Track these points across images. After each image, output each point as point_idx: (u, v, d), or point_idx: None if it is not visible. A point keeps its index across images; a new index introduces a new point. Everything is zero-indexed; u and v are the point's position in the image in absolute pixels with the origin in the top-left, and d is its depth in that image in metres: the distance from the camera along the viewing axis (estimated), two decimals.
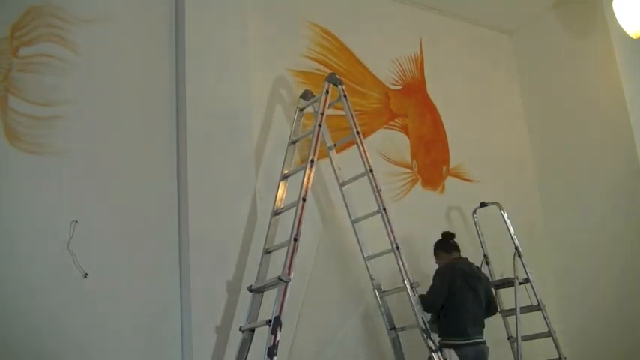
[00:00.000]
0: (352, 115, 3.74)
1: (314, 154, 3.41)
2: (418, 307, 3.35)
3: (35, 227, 3.09)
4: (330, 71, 4.00)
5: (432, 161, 4.88)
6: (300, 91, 3.98)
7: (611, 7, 4.64)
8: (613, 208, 4.81)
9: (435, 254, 3.99)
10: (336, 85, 3.77)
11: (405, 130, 4.80)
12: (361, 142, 3.69)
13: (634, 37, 4.50)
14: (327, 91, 3.69)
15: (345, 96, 3.76)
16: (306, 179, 3.32)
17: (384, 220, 3.53)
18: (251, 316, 3.19)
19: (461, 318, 3.63)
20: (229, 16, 3.90)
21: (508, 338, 4.31)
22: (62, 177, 3.24)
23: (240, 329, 3.15)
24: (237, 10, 3.96)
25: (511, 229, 4.25)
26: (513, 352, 4.17)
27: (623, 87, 4.82)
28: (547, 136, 5.44)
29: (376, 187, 3.61)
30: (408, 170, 4.70)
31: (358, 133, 3.71)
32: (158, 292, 3.33)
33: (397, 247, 3.46)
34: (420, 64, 5.07)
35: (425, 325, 3.32)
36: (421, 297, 3.57)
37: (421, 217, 4.59)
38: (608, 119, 4.92)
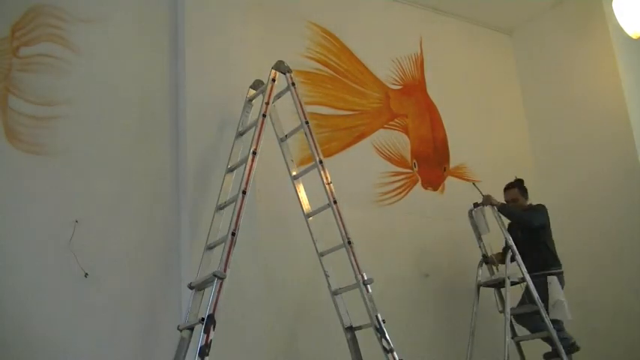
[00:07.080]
0: (300, 105, 3.52)
1: (257, 145, 3.24)
2: (371, 305, 3.14)
3: (35, 227, 3.08)
4: (280, 61, 3.61)
5: (432, 161, 4.88)
6: (300, 91, 3.95)
7: (611, 7, 4.64)
8: (613, 208, 4.81)
9: (520, 193, 4.50)
10: (284, 74, 3.54)
11: (405, 130, 4.80)
12: (310, 133, 3.47)
13: (634, 37, 4.50)
14: (274, 80, 3.48)
15: (293, 84, 3.54)
16: (247, 171, 3.16)
17: (334, 213, 3.32)
18: (191, 314, 3.02)
19: (555, 250, 4.30)
20: (229, 16, 3.89)
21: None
22: (62, 177, 3.23)
23: (178, 328, 3.01)
24: (237, 9, 3.95)
25: (504, 228, 4.20)
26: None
27: (623, 87, 4.82)
28: (547, 136, 5.44)
29: (326, 179, 3.39)
30: (408, 170, 4.70)
31: (307, 122, 3.48)
32: (158, 292, 3.32)
33: (349, 242, 3.26)
34: (419, 63, 5.06)
35: (379, 324, 3.11)
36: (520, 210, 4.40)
37: (421, 217, 4.59)
38: (608, 119, 4.92)
